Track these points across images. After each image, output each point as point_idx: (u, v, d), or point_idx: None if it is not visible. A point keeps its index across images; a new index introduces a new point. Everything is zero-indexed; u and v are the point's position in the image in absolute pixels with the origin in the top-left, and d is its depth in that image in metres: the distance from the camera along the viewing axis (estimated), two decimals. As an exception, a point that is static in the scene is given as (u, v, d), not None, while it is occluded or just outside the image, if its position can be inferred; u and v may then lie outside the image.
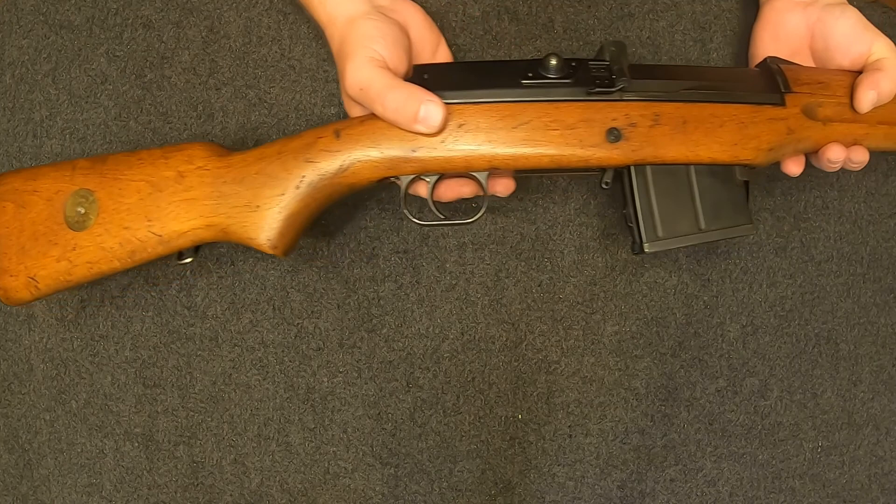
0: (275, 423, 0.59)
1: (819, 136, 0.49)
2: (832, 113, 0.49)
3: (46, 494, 0.60)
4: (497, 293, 0.59)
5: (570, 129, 0.45)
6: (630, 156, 0.46)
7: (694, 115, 0.46)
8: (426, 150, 0.45)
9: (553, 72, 0.46)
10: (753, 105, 0.47)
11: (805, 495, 0.62)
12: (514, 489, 0.60)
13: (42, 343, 0.60)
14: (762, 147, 0.47)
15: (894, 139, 0.51)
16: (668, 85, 0.47)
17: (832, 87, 0.49)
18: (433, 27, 0.52)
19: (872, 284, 0.62)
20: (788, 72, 0.49)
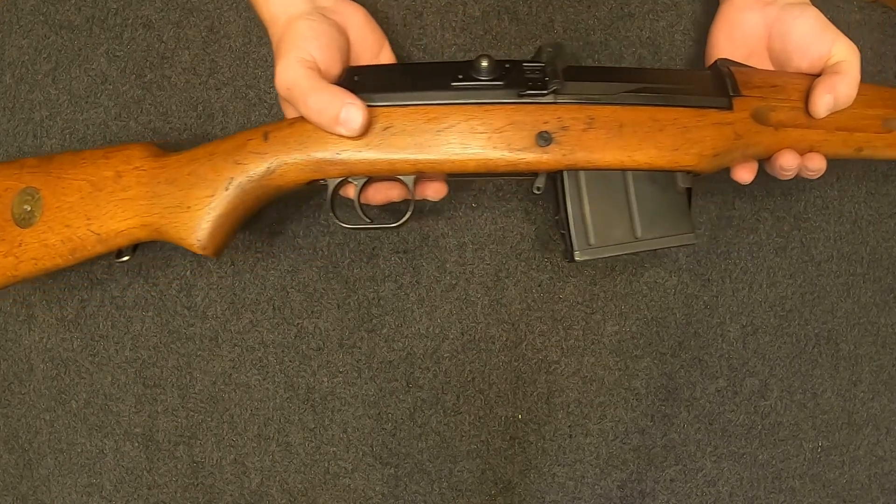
0: (275, 423, 0.59)
1: (770, 142, 0.47)
2: (786, 118, 0.47)
3: (46, 494, 0.60)
4: (497, 293, 0.59)
5: (498, 132, 0.44)
6: (561, 160, 0.45)
7: (632, 118, 0.45)
8: (351, 152, 0.45)
9: (484, 73, 0.44)
10: (698, 109, 0.46)
11: (805, 495, 0.62)
12: (514, 489, 0.60)
13: (42, 343, 0.60)
14: (706, 153, 0.45)
15: (854, 146, 0.49)
16: (606, 87, 0.45)
17: (787, 90, 0.47)
18: (376, 29, 0.51)
19: (872, 284, 0.62)
20: (739, 74, 0.48)
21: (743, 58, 0.51)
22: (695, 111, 0.45)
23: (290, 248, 0.59)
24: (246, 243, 0.59)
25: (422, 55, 0.59)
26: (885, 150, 0.50)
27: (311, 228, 0.59)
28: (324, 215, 0.59)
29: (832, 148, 0.48)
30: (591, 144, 0.45)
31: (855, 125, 0.48)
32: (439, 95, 0.45)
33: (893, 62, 0.61)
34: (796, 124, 0.47)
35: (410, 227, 0.59)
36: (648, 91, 0.45)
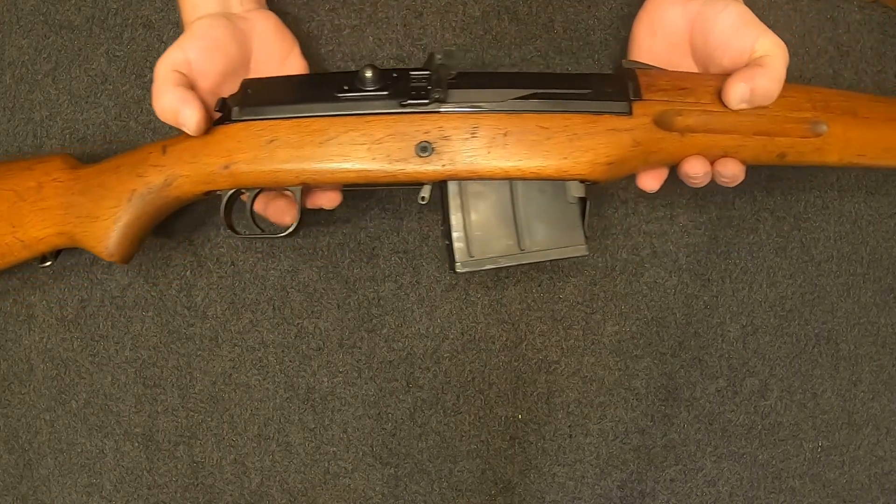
0: (275, 423, 0.59)
1: (676, 148, 0.45)
2: (695, 122, 0.45)
3: (46, 494, 0.60)
4: (497, 293, 0.59)
5: (378, 143, 0.44)
6: (442, 171, 0.44)
7: (518, 126, 0.43)
8: (238, 165, 0.45)
9: (369, 84, 0.44)
10: (591, 114, 0.44)
11: (805, 495, 0.62)
12: (514, 489, 0.60)
13: (42, 343, 0.60)
14: (599, 161, 0.44)
15: (776, 152, 0.46)
16: (494, 94, 0.44)
17: (697, 92, 0.45)
18: (286, 36, 0.51)
19: (872, 284, 0.62)
20: (644, 77, 0.45)
21: (665, 53, 0.49)
22: (587, 117, 0.44)
23: (290, 248, 0.59)
24: (246, 243, 0.59)
25: (422, 55, 0.59)
26: (812, 156, 0.47)
27: (311, 228, 0.59)
28: (324, 215, 0.59)
29: (749, 154, 0.46)
30: (473, 154, 0.44)
31: (777, 129, 0.46)
32: (323, 107, 0.45)
33: (893, 62, 0.61)
34: (707, 129, 0.45)
35: (410, 227, 0.59)
36: (539, 97, 0.44)
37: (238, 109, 0.46)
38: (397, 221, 0.59)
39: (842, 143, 0.47)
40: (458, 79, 0.45)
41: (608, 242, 0.59)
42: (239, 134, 0.45)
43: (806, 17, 0.60)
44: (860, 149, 0.47)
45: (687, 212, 0.60)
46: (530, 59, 0.59)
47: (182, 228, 0.59)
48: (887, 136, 0.47)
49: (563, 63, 0.59)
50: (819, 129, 0.46)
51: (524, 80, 0.46)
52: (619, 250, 0.59)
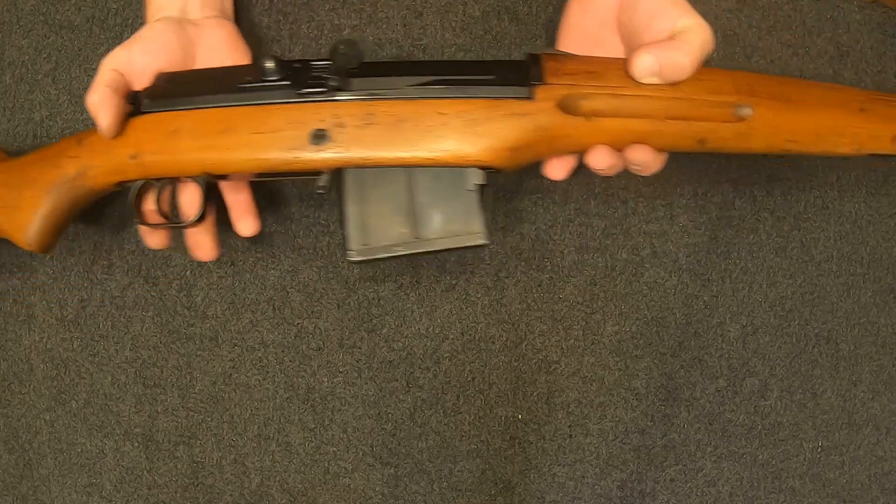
0: (275, 423, 0.59)
1: (581, 134, 0.44)
2: (604, 106, 0.43)
3: (46, 494, 0.60)
4: (497, 293, 0.59)
5: (276, 132, 0.44)
6: (337, 158, 0.43)
7: (415, 113, 0.43)
8: (145, 156, 0.45)
9: (270, 75, 0.44)
10: (492, 100, 0.43)
11: (805, 495, 0.62)
12: (514, 489, 0.60)
13: (42, 343, 0.60)
14: (499, 146, 0.43)
15: (694, 138, 0.45)
16: (392, 82, 0.43)
17: (606, 76, 0.43)
18: (237, 48, 0.51)
19: (872, 284, 0.62)
20: (551, 61, 0.44)
21: (595, 31, 0.48)
22: (487, 102, 0.43)
23: (290, 248, 0.59)
24: (246, 243, 0.59)
25: (422, 55, 0.59)
26: (735, 142, 0.45)
27: (311, 228, 0.59)
28: (324, 215, 0.59)
29: (665, 140, 0.44)
30: (369, 141, 0.43)
31: (695, 113, 0.44)
32: (225, 98, 0.45)
33: (893, 62, 0.61)
34: (616, 113, 0.43)
35: (410, 227, 0.59)
36: (439, 83, 0.43)
37: (148, 101, 0.46)
38: (397, 221, 0.59)
39: (769, 129, 0.45)
40: (361, 68, 0.44)
41: (608, 242, 0.59)
42: (147, 125, 0.46)
43: (806, 17, 0.60)
44: (790, 134, 0.46)
45: (687, 212, 0.60)
46: (530, 59, 0.59)
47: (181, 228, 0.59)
48: (820, 121, 0.46)
49: (563, 63, 0.59)
50: (743, 113, 0.44)
51: (427, 67, 0.45)
52: (619, 250, 0.59)
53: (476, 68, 0.45)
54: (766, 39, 0.60)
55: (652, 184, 0.59)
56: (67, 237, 0.59)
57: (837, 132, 0.46)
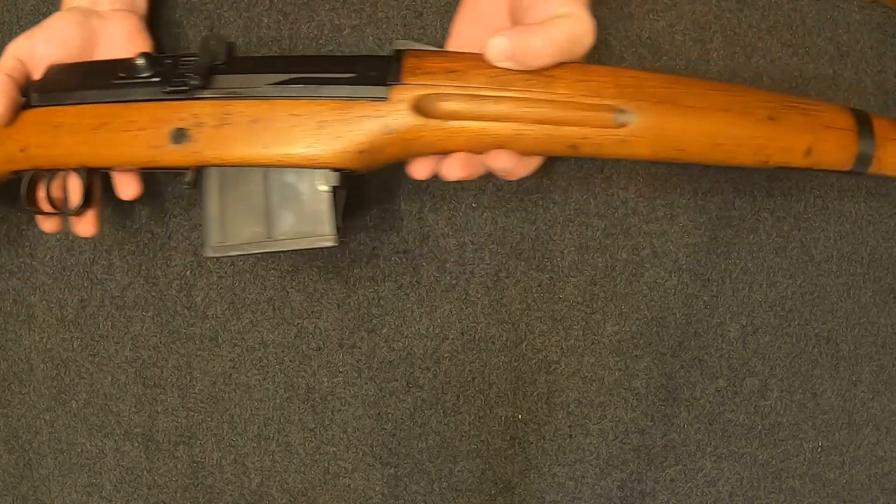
0: (275, 423, 0.59)
1: (438, 137, 0.42)
2: (463, 108, 0.41)
3: (46, 494, 0.60)
4: (497, 293, 0.59)
5: (142, 129, 0.44)
6: (194, 157, 0.43)
7: (268, 113, 0.42)
8: (31, 149, 0.46)
9: (141, 71, 0.44)
10: (343, 100, 0.42)
11: (805, 495, 0.62)
12: (514, 489, 0.60)
13: (42, 343, 0.60)
14: (348, 149, 0.42)
15: (565, 143, 0.42)
16: (251, 80, 0.43)
17: (468, 75, 0.41)
18: (139, 44, 0.51)
19: (872, 284, 0.62)
20: (412, 59, 0.42)
21: (489, 15, 0.46)
22: (339, 103, 0.42)
23: (290, 248, 0.59)
24: (246, 243, 0.59)
25: (422, 55, 0.59)
26: (615, 149, 0.42)
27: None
28: (324, 215, 0.59)
29: (530, 144, 0.42)
30: (224, 141, 0.43)
31: (567, 117, 0.41)
32: (101, 94, 0.45)
33: (893, 62, 0.61)
34: (476, 116, 0.41)
35: (410, 227, 0.59)
36: (297, 82, 0.43)
37: (36, 95, 0.46)
38: (397, 221, 0.59)
39: (654, 136, 0.42)
40: (227, 64, 0.44)
41: (608, 242, 0.59)
42: (35, 118, 0.46)
43: (806, 17, 0.60)
44: (679, 143, 0.43)
45: (687, 212, 0.60)
46: (530, 59, 0.59)
47: (181, 228, 0.59)
48: (717, 129, 0.43)
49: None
50: (624, 118, 0.42)
51: (291, 64, 0.44)
52: (619, 250, 0.59)
53: (339, 65, 0.44)
54: (766, 39, 0.60)
55: (652, 184, 0.59)
56: (67, 237, 0.59)
57: (737, 142, 0.43)
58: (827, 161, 0.45)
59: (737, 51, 0.60)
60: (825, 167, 0.46)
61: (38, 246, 0.59)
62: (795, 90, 0.60)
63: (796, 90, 0.60)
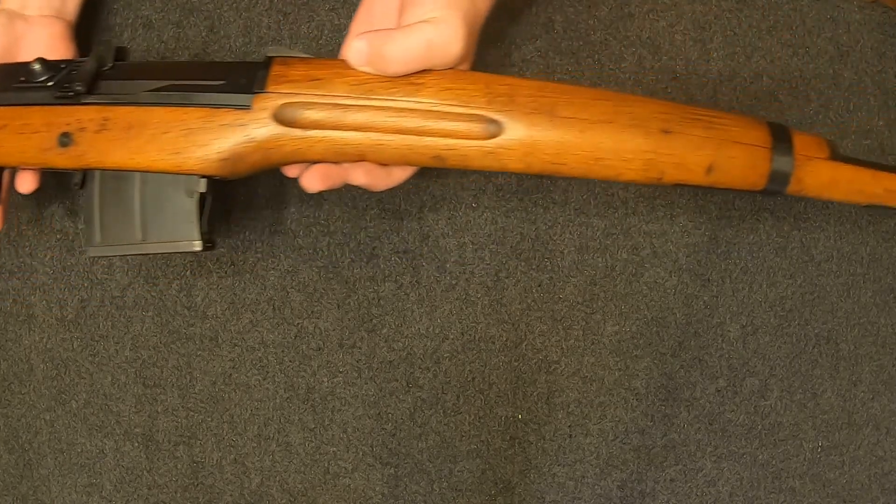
0: (275, 423, 0.59)
1: (298, 146, 0.42)
2: (324, 117, 0.41)
3: (46, 494, 0.60)
4: (497, 293, 0.59)
5: (35, 132, 0.45)
6: (76, 161, 0.44)
7: (140, 120, 0.43)
8: None
9: (37, 75, 0.45)
10: (210, 108, 0.42)
11: (805, 495, 0.62)
12: (514, 489, 0.60)
13: (42, 343, 0.60)
14: (211, 157, 0.42)
15: (430, 154, 0.41)
16: (131, 87, 0.44)
17: (332, 84, 0.41)
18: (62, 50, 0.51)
19: (872, 284, 0.62)
20: (279, 67, 0.42)
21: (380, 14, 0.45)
22: (205, 111, 0.42)
23: (290, 248, 0.59)
24: (246, 243, 0.59)
25: (422, 55, 0.59)
26: (483, 161, 0.41)
27: (311, 228, 0.59)
28: (324, 215, 0.59)
29: (391, 155, 0.42)
30: (103, 146, 0.44)
31: (430, 128, 0.40)
32: (4, 97, 0.46)
33: (893, 62, 0.61)
34: (337, 125, 0.41)
35: (410, 227, 0.59)
36: (171, 89, 0.43)
37: None
38: (397, 221, 0.59)
39: (526, 148, 0.40)
40: (113, 70, 0.45)
41: (608, 242, 0.59)
42: None
43: (806, 17, 0.60)
44: (555, 156, 0.41)
45: (687, 212, 0.60)
46: (530, 59, 0.59)
47: (182, 228, 0.59)
48: (598, 142, 0.41)
49: (563, 63, 0.59)
50: (493, 129, 0.40)
51: (168, 72, 0.45)
52: (619, 250, 0.59)
53: (211, 72, 0.44)
54: (766, 39, 0.60)
55: (652, 184, 0.59)
56: (67, 237, 0.59)
57: (622, 157, 0.41)
58: (733, 180, 0.43)
59: (737, 51, 0.60)
60: (732, 186, 0.44)
61: (38, 246, 0.59)
62: (795, 90, 0.60)
63: (796, 90, 0.60)
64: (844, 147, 0.61)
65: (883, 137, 0.61)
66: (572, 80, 0.59)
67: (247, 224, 0.58)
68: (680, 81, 0.59)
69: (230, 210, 0.58)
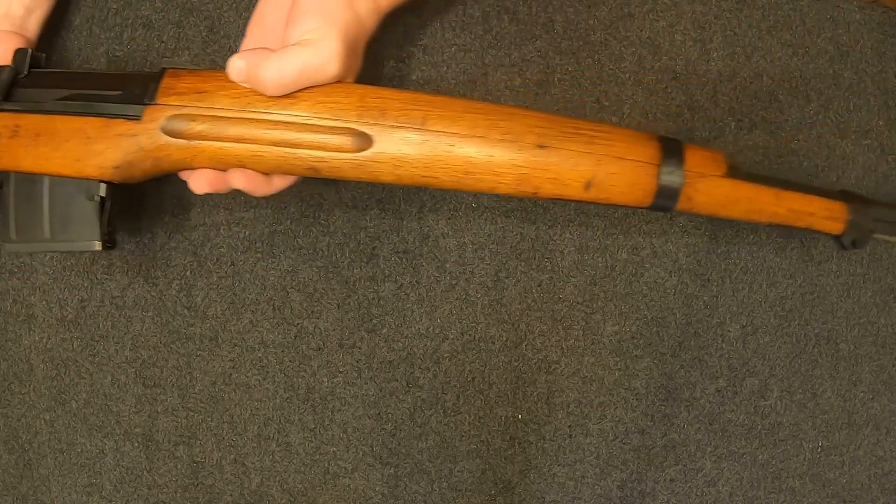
0: (275, 423, 0.59)
1: (184, 156, 0.44)
2: (206, 129, 0.43)
3: (46, 494, 0.60)
4: (497, 293, 0.59)
5: None
6: None
7: (46, 127, 0.45)
8: None
9: None
10: (106, 118, 0.44)
11: (805, 495, 0.62)
12: (514, 489, 0.60)
13: (42, 343, 0.60)
14: (106, 165, 0.45)
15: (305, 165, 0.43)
16: (41, 95, 0.46)
17: (215, 97, 0.43)
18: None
19: (872, 284, 0.62)
20: (169, 79, 0.44)
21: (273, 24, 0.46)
22: (102, 121, 0.45)
23: (290, 248, 0.59)
24: (246, 243, 0.59)
25: (422, 55, 0.59)
26: (353, 173, 0.43)
27: (311, 228, 0.59)
28: (324, 215, 0.59)
29: (269, 166, 0.43)
30: (15, 151, 0.46)
31: (304, 140, 0.42)
32: None
33: (893, 62, 0.61)
34: (218, 137, 0.43)
35: (410, 227, 0.59)
36: (74, 98, 0.45)
37: None
38: (397, 221, 0.59)
39: (396, 161, 0.42)
40: (29, 77, 0.47)
41: (608, 242, 0.59)
42: None
43: (806, 17, 0.60)
44: (425, 170, 0.42)
45: (687, 212, 0.60)
46: (530, 59, 0.59)
47: (181, 228, 0.59)
48: (469, 156, 0.42)
49: (563, 63, 0.59)
50: (362, 143, 0.42)
51: (76, 80, 0.47)
52: (619, 250, 0.59)
53: (113, 83, 0.46)
54: (766, 39, 0.60)
55: (652, 184, 0.59)
56: (67, 237, 0.59)
57: (493, 171, 0.42)
58: (615, 196, 0.43)
59: (737, 51, 0.60)
60: (615, 202, 0.44)
61: (38, 246, 0.59)
62: (795, 90, 0.60)
63: (796, 90, 0.60)
64: (843, 147, 0.61)
65: (883, 137, 0.61)
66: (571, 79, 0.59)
67: (246, 224, 0.58)
68: (680, 81, 0.59)
69: (230, 210, 0.58)
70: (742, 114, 0.59)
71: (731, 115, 0.60)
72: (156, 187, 0.59)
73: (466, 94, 0.58)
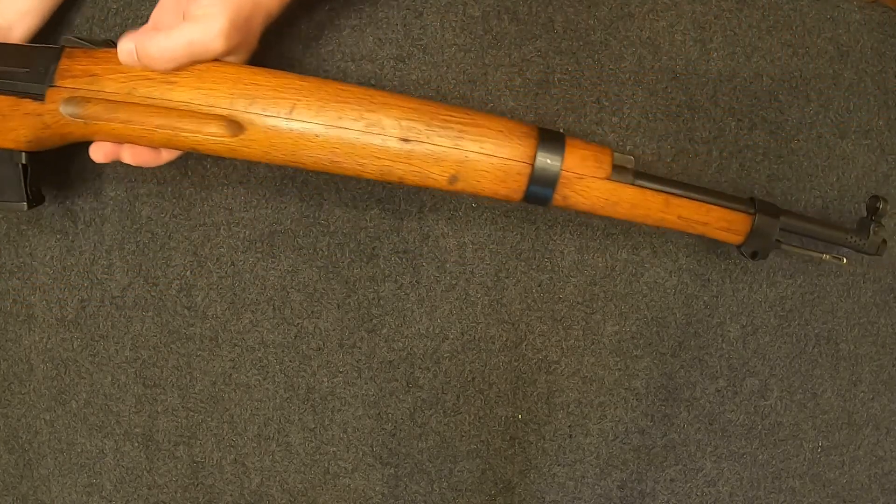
0: (275, 423, 0.59)
1: (84, 133, 0.46)
2: (99, 111, 0.45)
3: (46, 494, 0.60)
4: (497, 293, 0.59)
5: None
6: None
7: None
8: None
9: None
10: (16, 97, 0.46)
11: (805, 495, 0.62)
12: (514, 489, 0.60)
13: (42, 343, 0.60)
14: (20, 139, 0.47)
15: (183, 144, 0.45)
16: None
17: (103, 80, 0.44)
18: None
19: (872, 284, 0.62)
20: (65, 60, 0.45)
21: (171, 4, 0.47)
22: (12, 100, 0.46)
23: (290, 248, 0.59)
24: (246, 243, 0.59)
25: (422, 55, 0.59)
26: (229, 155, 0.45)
27: (311, 228, 0.59)
28: (324, 215, 0.59)
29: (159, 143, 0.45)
30: None
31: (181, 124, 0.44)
32: None
33: (893, 62, 0.61)
34: (108, 118, 0.45)
35: (410, 227, 0.59)
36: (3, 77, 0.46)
37: None
38: (397, 221, 0.59)
39: (265, 148, 0.43)
40: None
41: (608, 242, 0.59)
42: None
43: (806, 17, 0.61)
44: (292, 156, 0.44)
45: (687, 212, 0.60)
46: (530, 59, 0.59)
47: (181, 228, 0.59)
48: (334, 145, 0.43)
49: (563, 63, 0.59)
50: (234, 128, 0.43)
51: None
52: (619, 250, 0.59)
53: (23, 58, 0.47)
54: (766, 39, 0.60)
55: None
56: (67, 237, 0.59)
57: (357, 161, 0.43)
58: (482, 191, 0.44)
59: (737, 51, 0.60)
60: (484, 195, 0.44)
61: (38, 246, 0.59)
62: (795, 90, 0.60)
63: (796, 90, 0.60)
64: (843, 147, 0.61)
65: (883, 137, 0.61)
66: (571, 79, 0.59)
67: (246, 224, 0.58)
68: (680, 81, 0.59)
69: (230, 210, 0.58)
70: (742, 114, 0.59)
71: (731, 115, 0.60)
72: (156, 187, 0.59)
73: (466, 95, 0.58)
